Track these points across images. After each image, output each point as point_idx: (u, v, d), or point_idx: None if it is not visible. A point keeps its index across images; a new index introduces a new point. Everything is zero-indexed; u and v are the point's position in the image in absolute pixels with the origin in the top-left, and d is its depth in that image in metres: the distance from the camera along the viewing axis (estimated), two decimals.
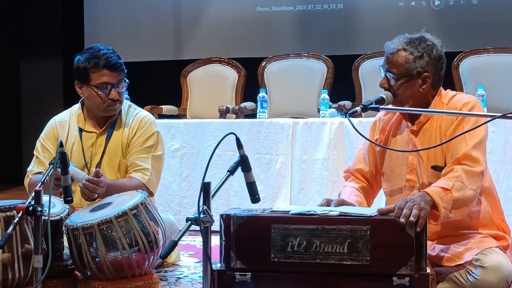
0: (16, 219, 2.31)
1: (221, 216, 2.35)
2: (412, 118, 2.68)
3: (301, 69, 5.79)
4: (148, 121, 3.21)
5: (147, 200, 2.76)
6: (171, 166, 4.62)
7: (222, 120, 4.95)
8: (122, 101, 3.18)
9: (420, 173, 2.65)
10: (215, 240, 2.26)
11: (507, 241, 2.65)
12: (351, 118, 2.51)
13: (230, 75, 5.93)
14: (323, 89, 5.19)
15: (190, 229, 2.13)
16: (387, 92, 2.63)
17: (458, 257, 2.51)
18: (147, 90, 6.93)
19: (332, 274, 2.27)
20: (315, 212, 2.34)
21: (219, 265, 2.36)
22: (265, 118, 4.61)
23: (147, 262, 2.70)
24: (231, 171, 2.31)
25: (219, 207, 4.33)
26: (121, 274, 2.66)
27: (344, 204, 2.56)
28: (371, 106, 2.57)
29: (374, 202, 2.88)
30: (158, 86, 7.28)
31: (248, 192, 2.38)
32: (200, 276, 2.91)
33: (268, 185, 4.43)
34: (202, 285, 2.17)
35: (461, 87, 5.30)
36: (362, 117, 4.69)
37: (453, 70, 5.36)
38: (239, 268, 2.32)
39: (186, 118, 5.73)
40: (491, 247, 2.51)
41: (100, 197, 2.91)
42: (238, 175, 2.36)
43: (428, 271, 2.25)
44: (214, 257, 2.24)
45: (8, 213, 2.56)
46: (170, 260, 3.40)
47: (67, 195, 2.55)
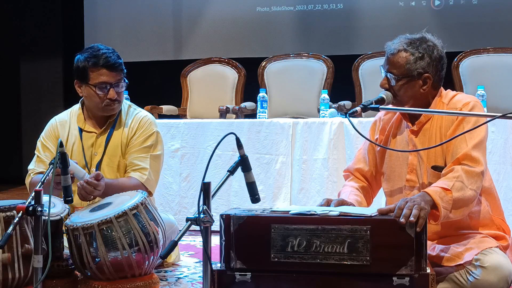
0: (16, 219, 2.31)
1: (221, 216, 2.35)
2: (412, 118, 2.68)
3: (301, 69, 5.79)
4: (148, 121, 3.21)
5: (147, 200, 2.76)
6: (171, 166, 4.61)
7: (222, 120, 4.95)
8: (121, 101, 3.17)
9: (420, 173, 2.64)
10: (215, 240, 2.26)
11: (507, 241, 2.64)
12: (351, 118, 2.51)
13: (230, 75, 5.93)
14: (323, 89, 5.19)
15: (190, 229, 2.13)
16: (387, 92, 2.63)
17: (458, 257, 2.51)
18: (147, 90, 6.93)
19: (332, 274, 2.26)
20: (315, 212, 2.34)
21: (219, 265, 2.35)
22: (265, 118, 4.61)
23: (147, 262, 2.69)
24: (231, 171, 2.31)
25: (219, 207, 4.32)
26: (121, 274, 2.66)
27: (344, 204, 2.55)
28: (371, 106, 2.57)
29: (374, 202, 2.88)
30: (158, 86, 7.28)
31: (248, 192, 2.37)
32: (200, 276, 2.91)
33: (268, 185, 4.43)
34: (202, 285, 2.17)
35: (461, 87, 5.30)
36: (362, 117, 4.68)
37: (453, 70, 5.36)
38: (239, 268, 2.32)
39: (186, 118, 5.73)
40: (491, 247, 2.51)
41: (100, 197, 2.91)
42: (238, 175, 2.36)
43: (428, 271, 2.25)
44: (214, 257, 2.24)
45: (8, 213, 2.56)
46: (170, 260, 3.40)
47: (67, 195, 2.55)
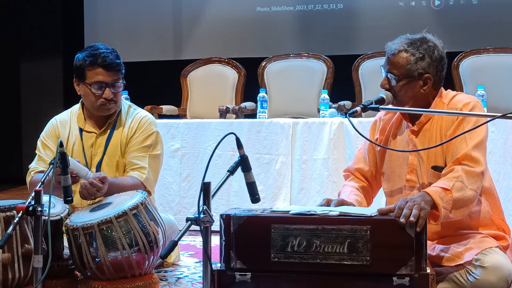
0: (16, 219, 2.31)
1: (221, 216, 2.35)
2: (413, 118, 2.68)
3: (301, 69, 5.78)
4: (148, 121, 3.21)
5: (147, 200, 2.76)
6: (171, 166, 4.61)
7: (222, 120, 4.95)
8: (118, 102, 3.15)
9: (420, 173, 2.64)
10: (215, 240, 2.26)
11: (507, 241, 2.64)
12: (351, 118, 2.51)
13: (230, 75, 5.93)
14: (323, 89, 5.19)
15: (190, 229, 2.13)
16: (387, 92, 2.63)
17: (458, 257, 2.51)
18: (147, 90, 6.93)
19: (332, 274, 2.26)
20: (315, 212, 2.34)
21: (219, 265, 2.35)
22: (265, 118, 4.60)
23: (147, 262, 2.69)
24: (231, 171, 2.31)
25: (219, 207, 4.32)
26: (121, 274, 2.65)
27: (344, 204, 2.55)
28: (371, 106, 2.57)
29: (374, 202, 2.88)
30: (158, 86, 7.27)
31: (248, 192, 2.37)
32: (200, 276, 2.91)
33: (268, 185, 4.43)
34: (202, 285, 2.17)
35: (461, 87, 5.30)
36: (362, 117, 4.68)
37: (453, 70, 5.36)
38: (239, 268, 2.32)
39: (186, 118, 5.73)
40: (491, 247, 2.51)
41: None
42: (238, 175, 2.36)
43: (428, 271, 2.25)
44: (214, 257, 2.24)
45: (8, 213, 2.56)
46: (170, 260, 3.40)
47: (67, 195, 2.55)
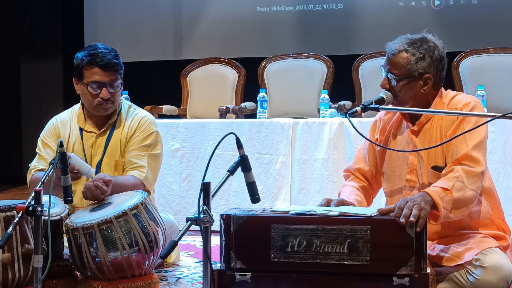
0: (16, 219, 2.31)
1: (221, 216, 2.35)
2: (413, 118, 2.68)
3: (301, 69, 5.79)
4: (148, 121, 3.21)
5: (147, 200, 2.76)
6: (171, 166, 4.61)
7: (222, 120, 4.95)
8: (116, 102, 3.14)
9: (420, 173, 2.64)
10: (215, 240, 2.26)
11: (507, 241, 2.64)
12: (351, 118, 2.51)
13: (230, 75, 5.93)
14: (323, 89, 5.19)
15: (190, 229, 2.13)
16: (387, 92, 2.63)
17: (458, 257, 2.51)
18: (147, 90, 6.93)
19: (332, 274, 2.26)
20: (315, 212, 2.34)
21: (219, 265, 2.35)
22: (265, 118, 4.60)
23: (147, 262, 2.69)
24: (231, 171, 2.31)
25: (219, 207, 4.33)
26: (121, 274, 2.65)
27: (344, 204, 2.55)
28: (371, 106, 2.57)
29: (374, 202, 2.88)
30: (158, 86, 7.28)
31: (248, 192, 2.37)
32: (200, 276, 2.91)
33: (268, 185, 4.43)
34: (202, 285, 2.17)
35: (461, 87, 5.30)
36: (362, 117, 4.68)
37: (453, 70, 5.36)
38: (239, 268, 2.32)
39: (186, 118, 5.73)
40: (491, 247, 2.51)
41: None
42: (238, 175, 2.36)
43: (428, 271, 2.25)
44: (214, 257, 2.24)
45: (8, 213, 2.56)
46: (170, 260, 3.40)
47: (67, 195, 2.55)
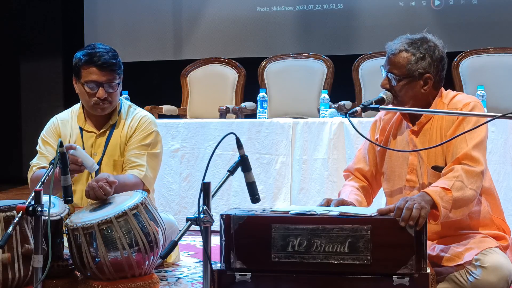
0: (16, 219, 2.31)
1: (221, 216, 2.35)
2: (413, 118, 2.68)
3: (301, 69, 5.78)
4: (147, 121, 3.21)
5: (147, 200, 2.76)
6: (171, 166, 4.61)
7: (222, 120, 4.95)
8: (113, 102, 3.13)
9: (421, 173, 2.64)
10: (215, 240, 2.26)
11: (507, 241, 2.64)
12: (351, 118, 2.51)
13: (230, 75, 5.93)
14: (323, 89, 5.19)
15: (190, 229, 2.13)
16: (387, 92, 2.63)
17: (458, 257, 2.50)
18: (147, 90, 6.93)
19: (333, 274, 2.27)
20: (315, 212, 2.34)
21: (219, 265, 2.36)
22: (265, 118, 4.60)
23: (147, 262, 2.69)
24: (231, 171, 2.31)
25: (219, 207, 4.32)
26: (121, 274, 2.65)
27: (344, 204, 2.55)
28: (371, 106, 2.57)
29: (374, 202, 2.88)
30: (158, 86, 7.28)
31: (248, 192, 2.37)
32: (200, 276, 2.91)
33: (268, 185, 4.43)
34: (202, 285, 2.17)
35: (461, 87, 5.30)
36: (362, 117, 4.68)
37: (453, 70, 5.36)
38: (239, 268, 2.32)
39: (186, 118, 5.73)
40: (491, 247, 2.51)
41: None
42: (238, 175, 2.36)
43: (428, 271, 2.25)
44: (214, 257, 2.24)
45: (8, 213, 2.56)
46: (170, 260, 3.40)
47: (67, 195, 2.55)
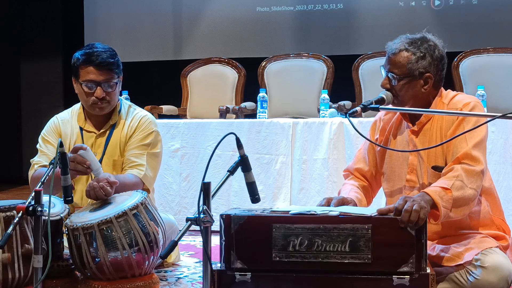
0: (16, 219, 2.31)
1: (221, 216, 2.35)
2: (413, 118, 2.68)
3: (301, 69, 5.78)
4: (147, 121, 3.21)
5: (147, 200, 2.76)
6: (171, 166, 4.61)
7: (222, 120, 4.95)
8: (111, 101, 3.13)
9: (421, 173, 2.64)
10: (215, 240, 2.26)
11: (507, 241, 2.64)
12: (351, 118, 2.51)
13: (230, 75, 5.93)
14: (323, 89, 5.19)
15: (190, 229, 2.13)
16: (387, 92, 2.63)
17: (458, 257, 2.51)
18: (147, 90, 6.93)
19: (334, 273, 2.27)
20: (315, 212, 2.34)
21: (219, 265, 2.36)
22: (265, 118, 4.60)
23: (147, 262, 2.69)
24: (231, 171, 2.31)
25: (219, 207, 4.32)
26: (121, 274, 2.65)
27: (344, 202, 2.56)
28: (371, 106, 2.57)
29: (374, 202, 2.88)
30: (158, 86, 7.28)
31: (248, 192, 2.37)
32: (200, 276, 2.91)
33: (268, 185, 4.43)
34: (202, 285, 2.17)
35: (461, 87, 5.30)
36: (362, 117, 4.69)
37: (453, 70, 5.36)
38: (239, 268, 2.32)
39: (186, 118, 5.73)
40: (491, 247, 2.51)
41: None
42: (238, 175, 2.36)
43: (428, 271, 2.25)
44: (214, 257, 2.24)
45: (8, 213, 2.56)
46: (170, 260, 3.40)
47: (67, 195, 2.55)
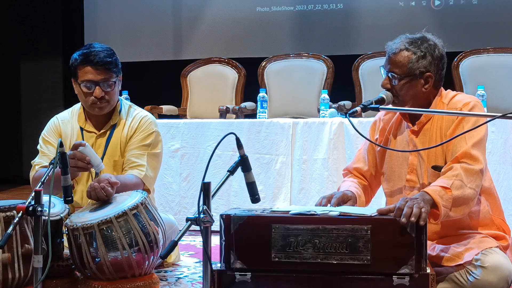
0: (16, 219, 2.31)
1: (221, 216, 2.35)
2: (413, 118, 2.68)
3: (301, 69, 5.79)
4: (148, 121, 3.21)
5: (147, 200, 2.76)
6: (171, 166, 4.61)
7: (222, 120, 4.95)
8: (111, 101, 3.12)
9: (421, 173, 2.64)
10: (215, 240, 2.26)
11: (507, 241, 2.64)
12: (351, 118, 2.51)
13: (230, 75, 5.93)
14: (323, 89, 5.19)
15: (190, 229, 2.13)
16: (387, 92, 2.63)
17: (458, 257, 2.51)
18: (147, 90, 6.93)
19: (333, 274, 2.27)
20: (315, 212, 2.34)
21: (219, 265, 2.36)
22: (265, 118, 4.60)
23: (147, 262, 2.69)
24: (231, 171, 2.31)
25: (219, 207, 4.33)
26: (121, 274, 2.65)
27: (345, 197, 2.57)
28: (371, 106, 2.57)
29: (374, 202, 2.88)
30: (158, 86, 7.28)
31: (248, 192, 2.37)
32: (200, 276, 2.91)
33: (268, 185, 4.43)
34: (202, 285, 2.17)
35: (461, 87, 5.30)
36: (362, 117, 4.69)
37: (453, 70, 5.36)
38: (239, 268, 2.32)
39: (186, 118, 5.73)
40: (491, 247, 2.51)
41: None
42: (238, 175, 2.36)
43: (428, 271, 2.25)
44: (214, 257, 2.24)
45: (8, 213, 2.56)
46: (170, 260, 3.40)
47: (67, 195, 2.55)
